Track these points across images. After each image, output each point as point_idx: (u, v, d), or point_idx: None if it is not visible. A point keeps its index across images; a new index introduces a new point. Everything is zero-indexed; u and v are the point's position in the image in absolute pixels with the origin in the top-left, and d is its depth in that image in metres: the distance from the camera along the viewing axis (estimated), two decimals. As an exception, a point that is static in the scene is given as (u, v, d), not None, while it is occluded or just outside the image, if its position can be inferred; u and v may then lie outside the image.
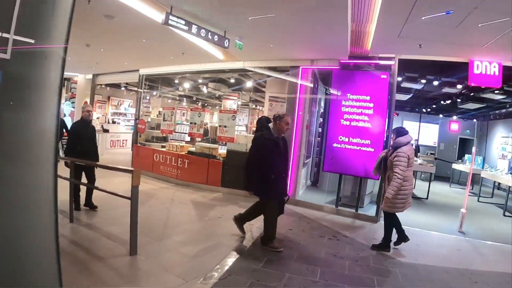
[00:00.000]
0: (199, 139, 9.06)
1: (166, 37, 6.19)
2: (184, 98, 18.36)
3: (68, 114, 14.32)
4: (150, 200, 6.57)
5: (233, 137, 7.65)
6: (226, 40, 5.45)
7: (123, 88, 16.13)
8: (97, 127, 12.85)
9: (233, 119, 7.66)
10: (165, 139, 10.50)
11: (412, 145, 5.40)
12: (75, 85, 14.32)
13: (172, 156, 8.65)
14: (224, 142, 8.07)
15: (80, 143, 5.34)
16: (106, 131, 14.02)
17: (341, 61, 6.63)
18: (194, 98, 17.96)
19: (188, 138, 10.06)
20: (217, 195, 7.51)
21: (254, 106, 16.84)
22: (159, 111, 12.00)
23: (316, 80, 7.86)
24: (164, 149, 9.25)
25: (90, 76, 12.96)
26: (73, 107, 14.28)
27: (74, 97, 14.16)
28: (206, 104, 18.00)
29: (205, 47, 6.57)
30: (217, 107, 20.55)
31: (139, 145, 10.33)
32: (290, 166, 7.19)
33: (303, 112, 7.51)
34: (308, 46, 6.43)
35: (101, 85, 13.68)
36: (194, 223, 5.48)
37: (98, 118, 13.78)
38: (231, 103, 9.50)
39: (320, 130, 9.34)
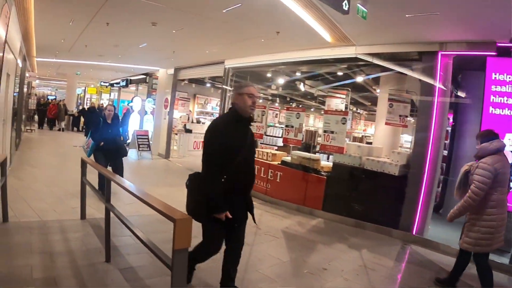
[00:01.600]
0: (293, 146, 8.14)
1: (258, 10, 5.38)
2: (276, 98, 17.76)
3: (149, 112, 14.81)
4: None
5: (343, 147, 6.51)
6: (345, 2, 4.18)
7: (208, 85, 16.09)
8: (179, 127, 12.96)
9: (343, 123, 6.52)
10: (252, 144, 9.82)
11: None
12: (156, 81, 14.72)
13: (262, 166, 7.90)
14: (322, 151, 7.03)
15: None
16: (188, 131, 14.09)
17: (500, 44, 5.05)
18: (288, 98, 17.25)
19: (280, 143, 9.28)
20: (317, 222, 6.46)
21: (354, 109, 15.44)
22: None
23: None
24: (251, 155, 8.56)
25: (171, 71, 13.10)
26: (154, 104, 14.71)
27: (155, 93, 14.55)
28: (300, 105, 17.10)
29: (308, 20, 5.48)
30: (312, 109, 19.82)
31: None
32: (422, 192, 5.84)
33: (441, 117, 6.01)
34: (454, 20, 4.90)
35: (183, 80, 13.73)
36: (286, 279, 3.94)
37: (180, 117, 13.89)
38: (337, 103, 8.40)
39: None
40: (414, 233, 5.84)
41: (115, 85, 21.99)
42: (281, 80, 11.58)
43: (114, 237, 4.11)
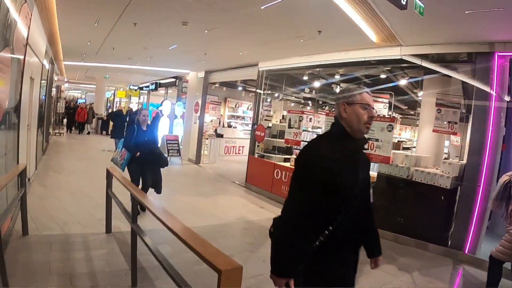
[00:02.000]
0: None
1: (300, 6, 5.16)
2: (308, 101, 17.51)
3: (179, 116, 14.92)
4: (266, 243, 5.58)
5: (389, 156, 6.21)
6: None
7: (240, 88, 16.09)
8: (210, 131, 12.96)
9: (389, 131, 6.22)
10: (288, 151, 9.66)
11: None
12: (186, 84, 14.82)
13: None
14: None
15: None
16: (219, 136, 14.09)
17: None
18: (320, 102, 16.96)
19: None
20: (360, 237, 6.20)
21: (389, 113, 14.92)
22: (282, 116, 11.28)
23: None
24: (287, 164, 8.40)
25: (202, 74, 13.14)
26: (185, 108, 14.81)
27: (185, 97, 14.65)
28: (333, 109, 16.74)
29: (355, 18, 5.21)
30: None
31: (256, 156, 9.74)
32: (477, 207, 5.47)
33: (497, 125, 5.61)
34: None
35: (214, 83, 13.75)
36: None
37: (211, 121, 13.92)
38: (379, 108, 8.10)
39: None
40: (466, 252, 5.48)
41: (144, 88, 22.40)
42: (316, 83, 11.36)
43: (141, 255, 3.76)
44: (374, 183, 6.52)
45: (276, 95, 13.98)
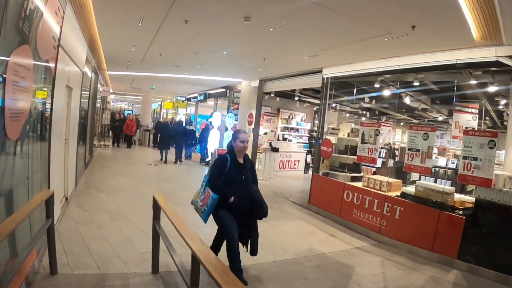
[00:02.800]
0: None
1: None
2: (365, 111, 16.76)
3: (230, 128, 14.71)
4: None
5: (490, 179, 5.40)
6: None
7: (296, 99, 15.61)
8: (265, 145, 12.58)
9: (491, 148, 5.42)
10: (356, 168, 9.00)
11: None
12: (238, 94, 14.60)
13: (375, 198, 7.07)
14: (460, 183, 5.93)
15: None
16: (275, 149, 13.68)
17: None
18: (377, 112, 16.17)
19: (379, 164, 8.37)
20: (455, 276, 5.36)
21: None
22: (351, 129, 10.68)
23: None
24: (360, 185, 7.76)
25: (255, 83, 12.85)
26: (236, 120, 14.58)
27: (237, 108, 14.40)
28: (391, 119, 15.85)
29: (463, 7, 4.54)
30: (402, 123, 18.33)
31: (320, 174, 9.20)
32: None
33: None
34: None
35: (269, 93, 13.41)
36: None
37: (265, 133, 13.56)
38: (467, 119, 7.29)
39: None
40: None
41: (192, 99, 22.63)
42: (384, 92, 10.65)
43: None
44: (470, 210, 5.74)
45: (334, 105, 13.36)
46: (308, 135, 19.42)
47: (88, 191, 8.63)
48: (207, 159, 15.63)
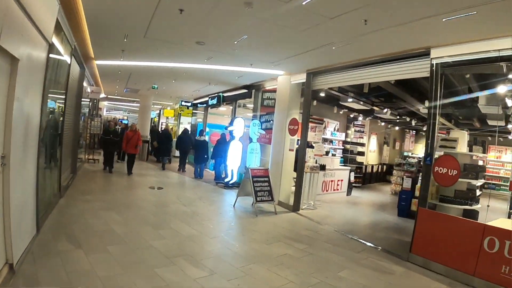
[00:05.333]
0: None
1: None
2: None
3: (255, 139, 11.19)
4: None
5: None
6: None
7: (350, 100, 11.77)
8: (311, 161, 9.11)
9: None
10: (471, 197, 5.61)
11: None
12: (270, 95, 11.02)
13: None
14: None
15: None
16: (323, 168, 10.11)
17: None
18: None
19: None
20: None
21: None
22: (474, 140, 7.16)
23: None
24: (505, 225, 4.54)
25: (299, 78, 9.37)
26: (264, 128, 11.00)
27: (270, 113, 10.79)
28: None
29: None
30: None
31: (428, 208, 5.94)
32: None
33: None
34: None
35: (320, 90, 9.83)
36: None
37: (311, 146, 10.00)
38: None
39: None
40: None
41: (199, 105, 19.00)
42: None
43: None
44: None
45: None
46: (342, 147, 15.95)
47: (56, 245, 5.05)
48: (227, 179, 12.00)
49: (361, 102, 12.02)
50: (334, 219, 8.69)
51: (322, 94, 10.49)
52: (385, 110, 13.56)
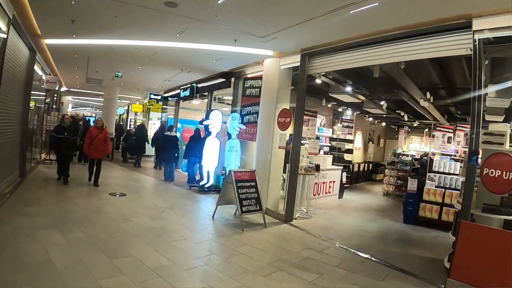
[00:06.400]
0: None
1: None
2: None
3: (235, 135, 9.61)
4: None
5: None
6: None
7: (349, 89, 10.03)
8: (304, 161, 7.58)
9: None
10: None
11: None
12: (254, 82, 9.38)
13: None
14: None
15: None
16: (317, 168, 8.55)
17: None
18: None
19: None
20: None
21: None
22: None
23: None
24: None
25: (290, 61, 7.82)
26: (244, 122, 9.35)
27: (254, 104, 9.14)
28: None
29: None
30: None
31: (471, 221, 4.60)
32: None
33: None
34: None
35: (317, 76, 8.29)
36: None
37: (303, 144, 8.46)
38: None
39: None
40: None
41: (170, 98, 17.11)
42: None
43: None
44: None
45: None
46: (329, 144, 14.50)
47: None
48: (202, 182, 10.26)
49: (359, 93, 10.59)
50: (335, 231, 7.19)
51: (319, 81, 8.92)
52: (382, 102, 12.23)
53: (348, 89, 9.81)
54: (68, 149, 9.45)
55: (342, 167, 11.87)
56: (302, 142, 8.13)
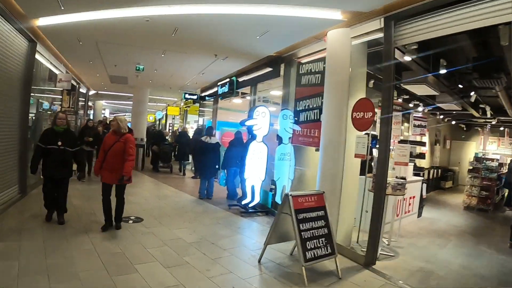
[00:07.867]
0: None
1: None
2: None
3: (288, 138, 7.26)
4: None
5: None
6: None
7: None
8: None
9: None
10: None
11: None
12: (310, 66, 6.99)
13: None
14: None
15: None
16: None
17: None
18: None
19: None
20: None
21: None
22: None
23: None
24: None
25: (368, 31, 5.43)
26: (301, 122, 6.95)
27: (313, 96, 6.71)
28: None
29: None
30: None
31: None
32: None
33: None
34: None
35: (411, 47, 5.80)
36: None
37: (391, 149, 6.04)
38: None
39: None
40: None
41: (207, 98, 14.93)
42: None
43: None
44: None
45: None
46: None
47: None
48: (245, 201, 7.95)
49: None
50: (440, 279, 4.76)
51: (408, 58, 6.31)
52: (472, 93, 9.46)
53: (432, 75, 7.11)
54: (62, 169, 5.78)
55: (422, 178, 9.31)
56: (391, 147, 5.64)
